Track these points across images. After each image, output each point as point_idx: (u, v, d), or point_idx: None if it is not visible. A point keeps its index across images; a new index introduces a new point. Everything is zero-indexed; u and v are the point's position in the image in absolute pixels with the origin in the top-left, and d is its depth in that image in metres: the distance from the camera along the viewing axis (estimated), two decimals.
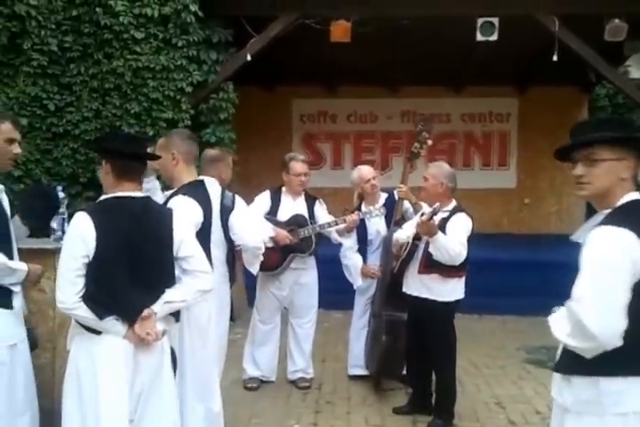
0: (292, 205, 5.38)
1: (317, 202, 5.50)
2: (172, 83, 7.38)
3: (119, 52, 7.35)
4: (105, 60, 7.36)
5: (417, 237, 4.57)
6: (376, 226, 5.45)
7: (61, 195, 4.67)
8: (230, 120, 7.78)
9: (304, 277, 5.42)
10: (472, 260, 8.05)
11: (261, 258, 4.21)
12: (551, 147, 8.90)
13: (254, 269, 4.30)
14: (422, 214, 4.54)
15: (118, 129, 7.37)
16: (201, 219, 3.45)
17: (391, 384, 5.41)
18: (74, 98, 7.48)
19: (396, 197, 5.35)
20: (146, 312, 2.78)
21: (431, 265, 4.49)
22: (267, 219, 5.22)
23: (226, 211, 3.99)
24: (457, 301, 4.63)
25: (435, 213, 4.23)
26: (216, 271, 3.96)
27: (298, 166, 5.33)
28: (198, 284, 2.98)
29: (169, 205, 3.37)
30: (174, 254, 2.93)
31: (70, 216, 2.97)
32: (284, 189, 5.44)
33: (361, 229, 5.45)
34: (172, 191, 3.61)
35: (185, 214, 3.27)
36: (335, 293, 5.68)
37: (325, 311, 7.68)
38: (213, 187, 4.04)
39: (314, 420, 4.80)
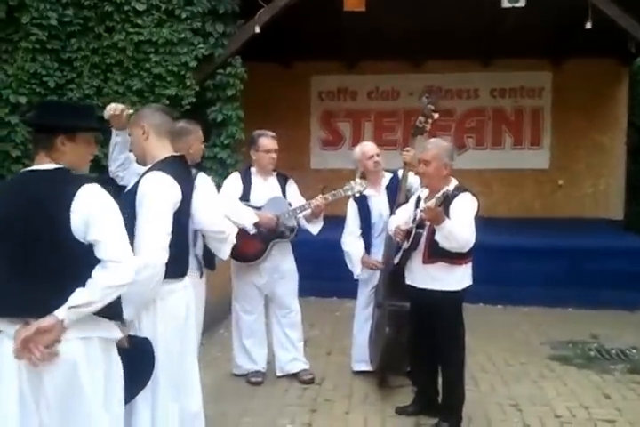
0: (265, 186, 5.00)
1: (288, 181, 5.11)
2: (175, 57, 7.06)
3: (120, 26, 7.06)
4: (106, 34, 7.09)
5: (419, 225, 4.12)
6: (378, 208, 5.02)
7: None
8: (238, 97, 7.42)
9: (283, 265, 5.06)
10: (497, 247, 7.76)
11: (232, 242, 3.79)
12: (588, 124, 8.41)
13: (223, 254, 3.87)
14: (424, 199, 4.10)
15: None
16: (179, 198, 3.05)
17: (398, 381, 4.98)
18: (75, 74, 7.22)
19: (400, 176, 4.88)
20: (45, 322, 2.38)
21: (436, 254, 4.06)
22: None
23: None
24: (465, 289, 4.19)
25: (445, 198, 3.76)
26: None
27: (267, 142, 4.94)
28: (106, 277, 2.46)
29: (141, 184, 3.01)
30: (83, 240, 2.49)
31: None
32: (253, 169, 5.05)
33: (363, 212, 5.03)
34: (146, 168, 3.20)
35: (158, 193, 2.96)
36: (350, 281, 5.24)
37: (339, 300, 7.33)
38: None
39: (309, 420, 4.41)
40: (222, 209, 3.79)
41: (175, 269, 3.06)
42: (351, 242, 5.06)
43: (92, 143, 2.74)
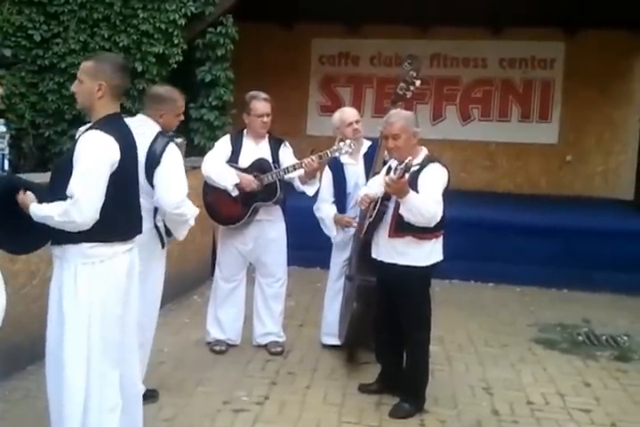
0: (255, 149, 4.80)
1: (283, 145, 4.89)
2: (163, 14, 6.85)
3: None
4: None
5: (386, 197, 3.87)
6: (355, 178, 4.79)
7: (2, 129, 4.19)
8: (228, 58, 7.21)
9: (271, 231, 4.87)
10: (494, 222, 7.50)
11: (190, 225, 3.67)
12: (600, 98, 8.00)
13: (180, 235, 3.75)
14: (389, 170, 3.85)
15: None
16: (117, 158, 2.86)
17: (366, 357, 4.76)
18: (61, 28, 7.03)
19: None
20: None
21: (403, 228, 3.82)
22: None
23: (150, 158, 3.54)
24: (434, 265, 3.95)
25: (407, 169, 3.52)
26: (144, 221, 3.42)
27: (260, 106, 4.71)
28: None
29: (79, 143, 2.89)
30: None
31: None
32: (245, 132, 4.85)
33: (338, 181, 4.81)
34: (86, 126, 3.02)
35: (94, 153, 2.82)
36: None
37: (322, 271, 7.07)
38: (145, 126, 3.60)
39: (266, 393, 4.23)
40: (184, 189, 3.57)
41: (115, 231, 2.96)
42: (324, 208, 4.86)
43: None
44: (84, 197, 2.75)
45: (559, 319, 6.03)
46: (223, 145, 4.82)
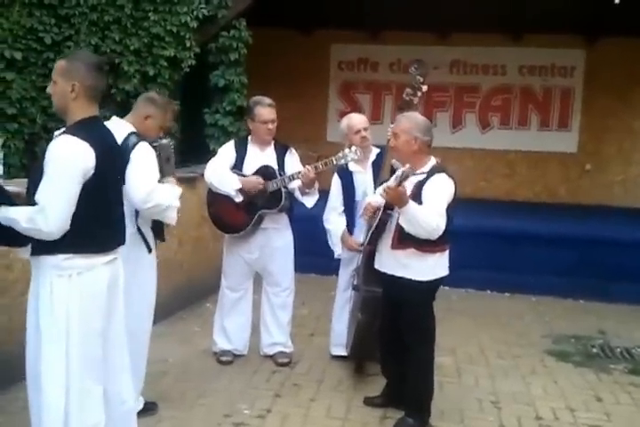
0: (260, 156, 4.68)
1: (288, 151, 4.76)
2: (175, 17, 6.76)
3: None
4: None
5: (388, 206, 3.75)
6: (363, 186, 4.68)
7: None
8: (242, 62, 7.10)
9: (277, 240, 4.75)
10: (510, 232, 7.36)
11: (175, 207, 3.52)
12: (621, 107, 7.80)
13: (170, 219, 3.59)
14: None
15: (117, 67, 6.79)
16: (91, 164, 2.71)
17: (375, 369, 4.61)
18: (72, 31, 6.97)
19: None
20: None
21: (406, 239, 3.68)
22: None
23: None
24: (438, 280, 3.81)
25: (405, 176, 3.41)
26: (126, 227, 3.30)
27: (265, 112, 4.58)
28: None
29: (50, 147, 2.74)
30: None
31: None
32: (250, 138, 4.76)
33: (347, 189, 4.71)
34: (61, 130, 2.89)
35: (65, 159, 2.68)
36: None
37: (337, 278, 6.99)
38: (118, 128, 3.40)
39: (268, 406, 4.12)
40: (151, 182, 3.43)
41: (92, 242, 2.82)
42: (333, 220, 4.76)
43: None
44: (51, 206, 2.63)
45: (574, 330, 5.89)
46: (227, 151, 4.71)
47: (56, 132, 2.98)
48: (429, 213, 3.54)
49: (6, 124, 6.87)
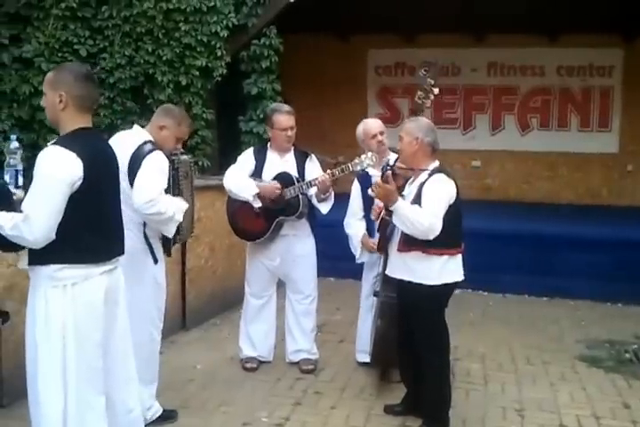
0: (279, 163, 4.69)
1: (309, 158, 4.76)
2: (205, 27, 6.84)
3: None
4: (136, 2, 6.87)
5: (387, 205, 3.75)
6: None
7: (14, 144, 4.18)
8: (274, 69, 7.11)
9: (298, 247, 4.75)
10: (550, 235, 7.23)
11: (175, 221, 3.54)
12: None
13: (166, 231, 3.61)
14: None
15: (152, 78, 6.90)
16: (78, 175, 2.72)
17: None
18: (107, 43, 7.09)
19: None
20: None
21: (410, 241, 3.66)
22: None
23: (132, 163, 3.45)
24: (448, 285, 3.74)
25: (388, 170, 3.44)
26: (133, 236, 3.39)
27: (283, 120, 4.59)
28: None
29: (37, 159, 2.74)
30: None
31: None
32: (269, 145, 4.76)
33: (366, 193, 4.64)
34: (53, 141, 2.91)
35: (50, 171, 2.68)
36: None
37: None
38: (137, 136, 3.52)
39: (287, 414, 4.11)
40: (156, 189, 3.45)
41: (86, 252, 2.79)
42: (353, 224, 4.76)
43: None
44: (35, 215, 2.63)
45: (609, 335, 5.77)
46: (246, 159, 4.74)
47: (48, 143, 2.97)
48: (421, 212, 3.52)
49: (47, 135, 6.98)
